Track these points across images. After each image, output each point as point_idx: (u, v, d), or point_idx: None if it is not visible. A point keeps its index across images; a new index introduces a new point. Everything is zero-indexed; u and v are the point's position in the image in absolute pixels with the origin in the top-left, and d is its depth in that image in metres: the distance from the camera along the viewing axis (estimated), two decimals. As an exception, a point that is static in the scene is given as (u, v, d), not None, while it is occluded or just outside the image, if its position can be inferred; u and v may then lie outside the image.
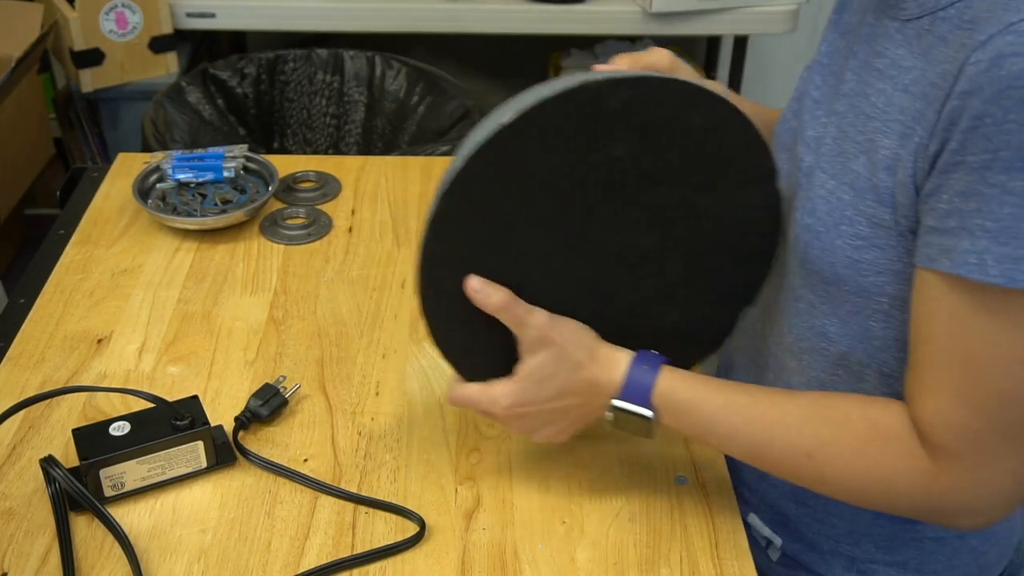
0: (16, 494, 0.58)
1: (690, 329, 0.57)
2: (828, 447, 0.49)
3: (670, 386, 0.52)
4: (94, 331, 0.70)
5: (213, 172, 0.82)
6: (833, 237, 0.50)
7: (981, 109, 0.42)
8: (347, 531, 0.56)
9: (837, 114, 0.52)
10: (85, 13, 1.26)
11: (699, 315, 0.57)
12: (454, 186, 0.51)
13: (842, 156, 0.50)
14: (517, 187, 0.51)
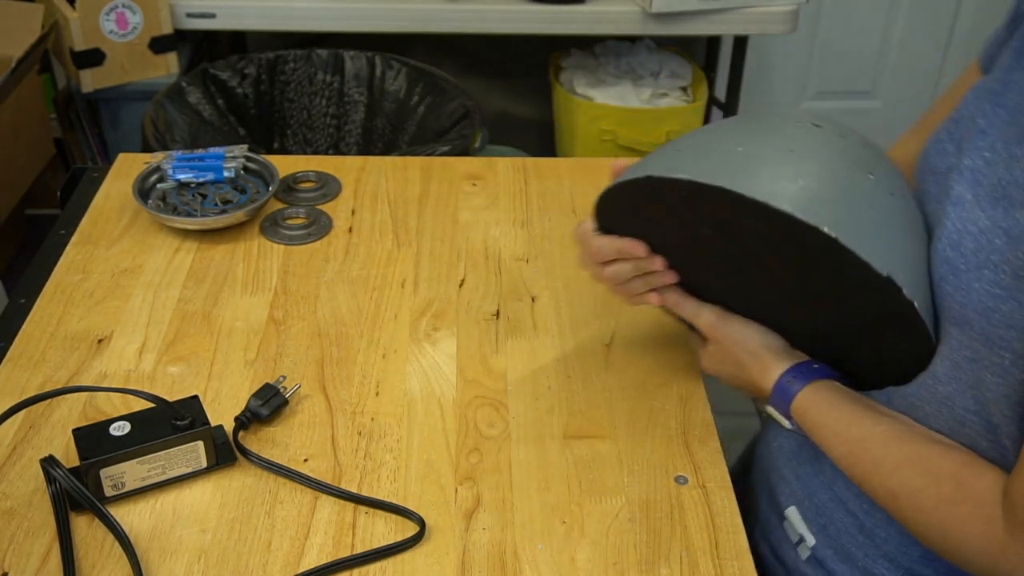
0: (16, 494, 0.58)
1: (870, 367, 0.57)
2: (913, 496, 0.50)
3: (803, 405, 0.55)
4: (94, 331, 0.70)
5: (213, 172, 0.82)
6: (972, 279, 0.47)
7: None
8: (347, 531, 0.56)
9: (1009, 155, 0.48)
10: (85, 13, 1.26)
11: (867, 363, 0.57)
12: (625, 184, 0.56)
13: (1005, 200, 0.48)
14: (671, 218, 0.56)
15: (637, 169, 0.56)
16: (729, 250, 0.55)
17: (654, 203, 0.56)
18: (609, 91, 1.44)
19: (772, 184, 0.51)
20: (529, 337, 0.70)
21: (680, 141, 0.57)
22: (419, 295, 0.74)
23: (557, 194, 0.86)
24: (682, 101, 1.46)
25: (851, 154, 0.54)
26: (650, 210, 0.57)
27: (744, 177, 0.51)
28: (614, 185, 0.58)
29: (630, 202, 0.58)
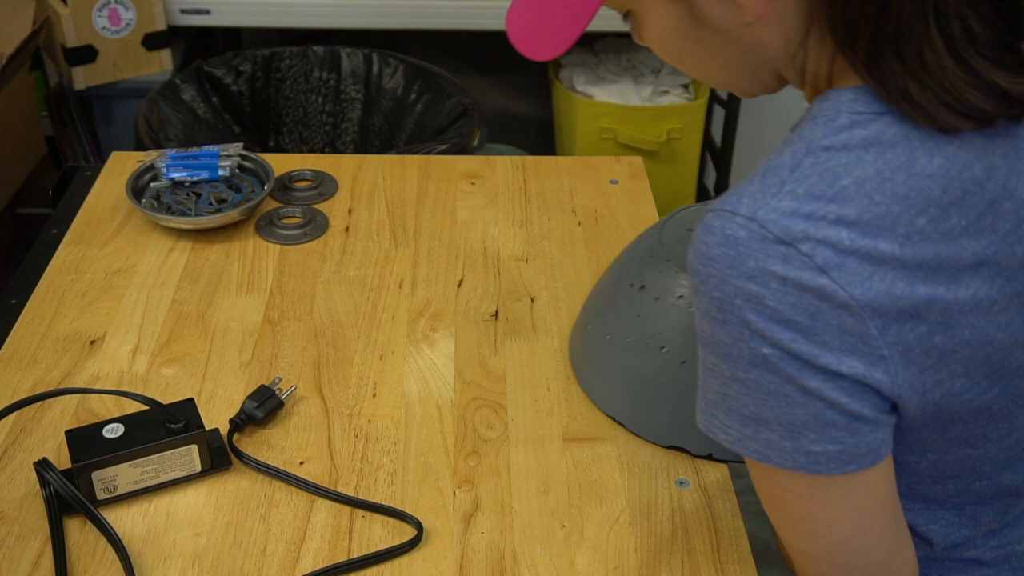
0: (8, 497, 0.57)
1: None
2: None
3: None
4: (87, 332, 0.69)
5: (208, 171, 0.81)
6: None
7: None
8: (344, 535, 0.56)
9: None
10: (78, 9, 1.25)
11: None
12: None
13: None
14: None
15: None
16: None
17: None
18: (609, 89, 1.43)
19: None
20: (528, 338, 0.69)
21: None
22: (417, 295, 0.73)
23: (557, 193, 0.85)
24: (683, 99, 1.45)
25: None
26: None
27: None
28: None
29: None
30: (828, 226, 0.41)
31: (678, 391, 0.59)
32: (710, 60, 0.49)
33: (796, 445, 0.43)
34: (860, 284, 0.41)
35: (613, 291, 0.63)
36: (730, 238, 0.42)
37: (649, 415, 0.60)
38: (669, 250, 0.61)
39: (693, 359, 0.56)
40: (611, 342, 0.61)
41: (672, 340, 0.59)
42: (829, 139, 0.43)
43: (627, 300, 0.61)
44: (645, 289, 0.60)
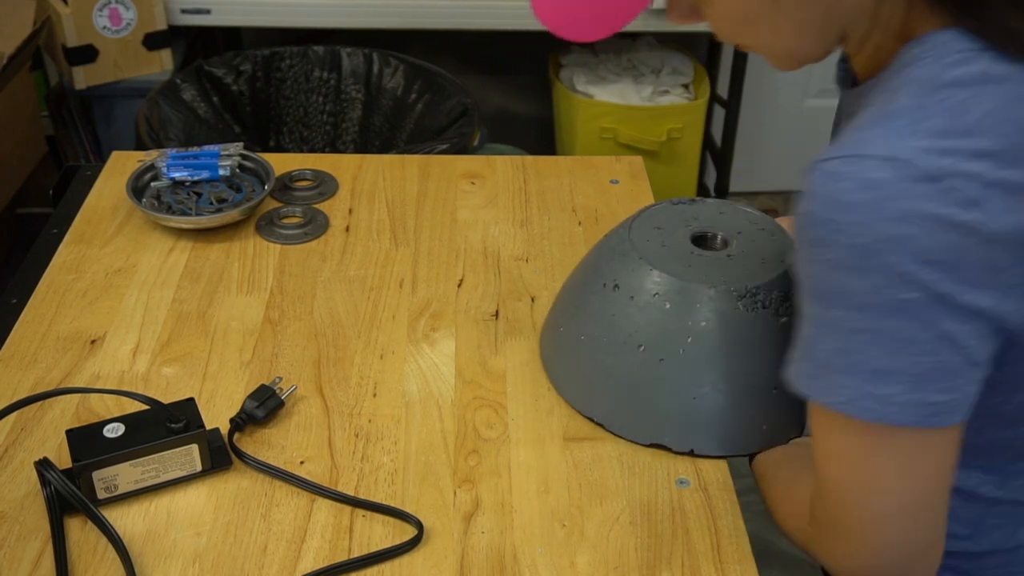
0: (8, 497, 0.57)
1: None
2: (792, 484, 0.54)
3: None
4: (87, 332, 0.69)
5: (208, 170, 0.81)
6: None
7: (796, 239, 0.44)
8: (344, 534, 0.56)
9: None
10: (78, 9, 1.25)
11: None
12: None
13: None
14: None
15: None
16: None
17: None
18: (610, 88, 1.43)
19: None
20: (529, 338, 0.69)
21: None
22: (417, 295, 0.73)
23: (557, 193, 0.85)
24: (684, 98, 1.45)
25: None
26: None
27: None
28: None
29: None
30: (968, 160, 0.41)
31: (657, 389, 0.59)
32: (786, 24, 0.48)
33: (920, 396, 0.43)
34: (1003, 215, 0.41)
35: (586, 291, 0.63)
36: (871, 181, 0.41)
37: (630, 415, 0.60)
38: (640, 248, 0.61)
39: (671, 356, 0.57)
40: (586, 343, 0.61)
41: (649, 338, 0.59)
42: (946, 75, 0.43)
43: (601, 300, 0.61)
44: (619, 288, 0.60)
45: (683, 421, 0.59)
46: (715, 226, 0.64)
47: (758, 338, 0.58)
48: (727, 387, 0.58)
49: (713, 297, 0.58)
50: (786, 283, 0.59)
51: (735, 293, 0.58)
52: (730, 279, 0.59)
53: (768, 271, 0.60)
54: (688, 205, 0.66)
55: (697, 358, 0.58)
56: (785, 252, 0.62)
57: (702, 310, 0.58)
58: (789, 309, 0.59)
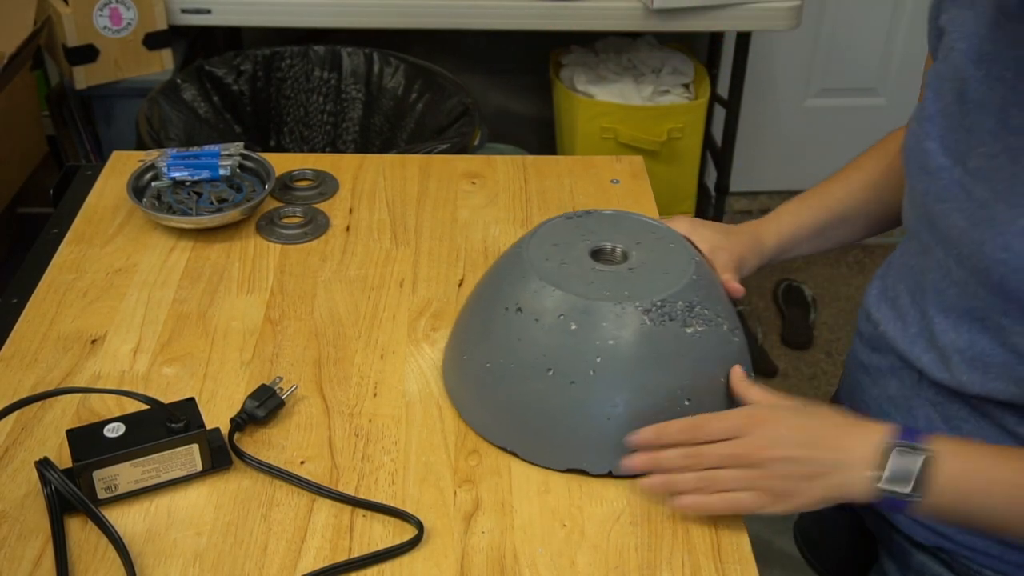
0: (9, 497, 0.57)
1: None
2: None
3: (939, 437, 0.52)
4: (88, 331, 0.69)
5: (209, 170, 0.81)
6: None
7: None
8: (344, 534, 0.56)
9: (1010, 148, 0.51)
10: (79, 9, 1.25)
11: None
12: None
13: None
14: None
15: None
16: None
17: None
18: (610, 88, 1.43)
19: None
20: (529, 337, 0.69)
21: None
22: (417, 295, 0.73)
23: (557, 193, 0.85)
24: (684, 98, 1.45)
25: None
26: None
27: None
28: None
29: None
30: None
31: (570, 413, 0.57)
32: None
33: None
34: None
35: (488, 316, 0.61)
36: None
37: (544, 441, 0.58)
38: (539, 268, 0.59)
39: (581, 378, 0.57)
40: (493, 370, 0.59)
41: (557, 361, 0.57)
42: None
43: (505, 325, 0.59)
44: (522, 312, 0.58)
45: (599, 443, 0.57)
46: (613, 238, 0.63)
47: (668, 351, 0.57)
48: (641, 404, 0.57)
49: (619, 314, 0.57)
50: (691, 293, 0.58)
51: (640, 308, 0.57)
52: (634, 294, 0.58)
53: (671, 283, 0.59)
54: (583, 218, 0.64)
55: (608, 378, 0.56)
56: (686, 261, 0.61)
57: (609, 328, 0.57)
58: (696, 319, 0.58)
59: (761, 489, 0.53)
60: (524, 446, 0.59)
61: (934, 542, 0.61)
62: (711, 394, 0.58)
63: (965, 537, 0.59)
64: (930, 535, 0.61)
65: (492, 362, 0.59)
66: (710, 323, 0.58)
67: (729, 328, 0.60)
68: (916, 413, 0.60)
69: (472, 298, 0.64)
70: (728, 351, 0.60)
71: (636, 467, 0.56)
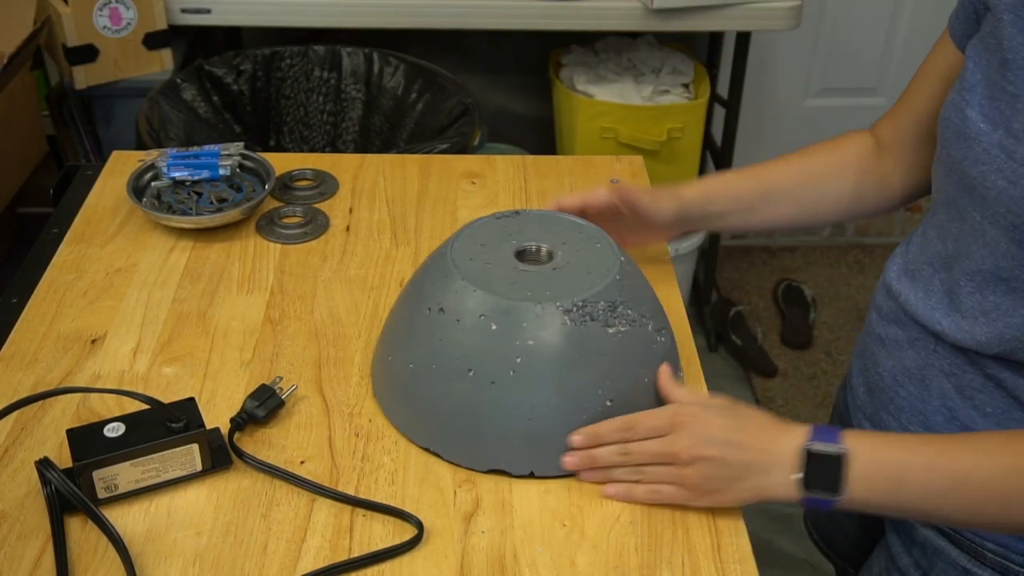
0: (8, 496, 0.57)
1: None
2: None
3: (856, 432, 0.54)
4: (88, 331, 0.69)
5: (209, 170, 0.81)
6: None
7: None
8: (344, 534, 0.56)
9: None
10: (78, 9, 1.25)
11: None
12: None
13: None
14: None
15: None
16: None
17: None
18: (610, 88, 1.43)
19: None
20: (529, 337, 0.69)
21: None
22: (417, 294, 0.73)
23: (557, 193, 0.85)
24: (684, 98, 1.45)
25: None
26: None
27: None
28: None
29: None
30: None
31: (491, 413, 0.57)
32: None
33: None
34: None
35: (412, 317, 0.61)
36: None
37: (466, 442, 0.58)
38: (463, 268, 0.59)
39: (501, 379, 0.57)
40: (415, 371, 0.59)
41: (478, 362, 0.57)
42: None
43: (427, 325, 0.59)
44: (444, 312, 0.58)
45: (520, 444, 0.57)
46: (540, 238, 0.62)
47: (589, 351, 0.57)
48: (561, 404, 0.57)
49: (540, 314, 0.57)
50: (614, 293, 0.58)
51: (561, 308, 0.57)
52: (556, 294, 0.58)
53: (594, 282, 0.59)
54: (512, 218, 0.64)
55: (528, 378, 0.56)
56: (611, 261, 0.61)
57: (529, 328, 0.56)
58: (618, 319, 0.58)
59: (685, 485, 0.56)
60: (446, 447, 0.59)
61: (951, 528, 0.61)
62: (634, 394, 0.58)
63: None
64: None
65: (415, 363, 0.59)
66: (633, 323, 0.58)
67: (654, 328, 0.60)
68: (930, 384, 0.60)
69: (399, 299, 0.64)
70: (653, 351, 0.60)
71: (573, 466, 0.57)
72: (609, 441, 0.57)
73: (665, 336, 0.61)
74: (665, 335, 0.61)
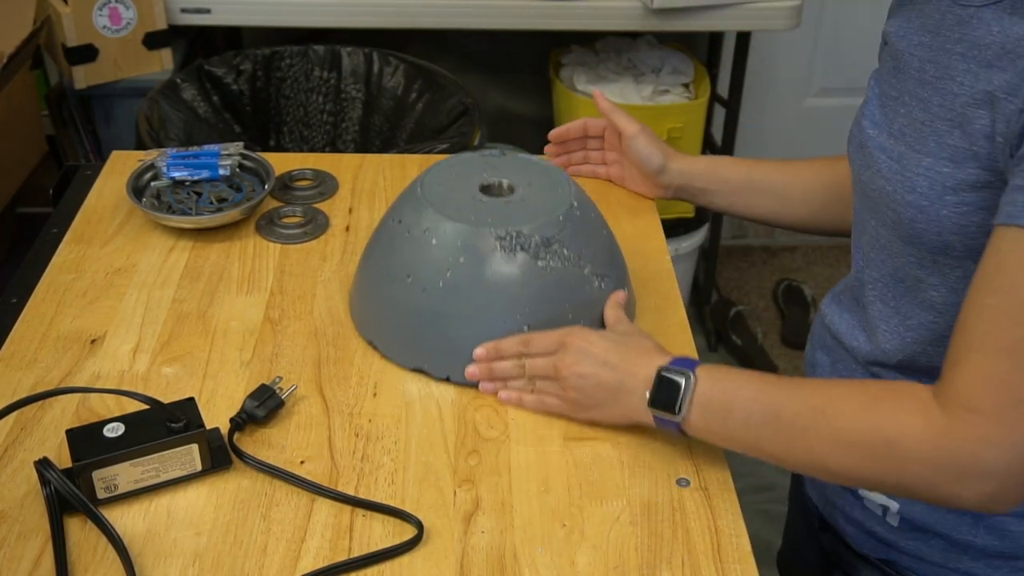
0: (8, 496, 0.57)
1: None
2: (839, 400, 0.53)
3: (710, 366, 0.58)
4: (88, 331, 0.69)
5: (208, 170, 0.81)
6: (939, 208, 0.53)
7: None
8: (344, 534, 0.56)
9: (918, 102, 0.55)
10: (78, 8, 1.25)
11: None
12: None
13: (934, 135, 0.54)
14: None
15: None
16: None
17: None
18: (610, 88, 1.43)
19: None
20: (529, 337, 0.69)
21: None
22: (417, 294, 0.73)
23: (557, 192, 0.85)
24: (684, 98, 1.45)
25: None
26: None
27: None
28: None
29: None
30: None
31: (419, 317, 0.64)
32: None
33: None
34: None
35: (381, 230, 0.69)
36: None
37: (397, 340, 0.66)
38: (427, 190, 0.66)
39: (431, 287, 0.64)
40: (370, 274, 0.68)
41: (415, 269, 0.64)
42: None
43: (389, 236, 0.67)
44: (402, 223, 0.66)
45: (441, 349, 0.64)
46: (508, 176, 0.68)
47: (512, 279, 0.62)
48: (481, 320, 0.63)
49: (472, 235, 0.63)
50: (552, 231, 0.64)
51: (494, 235, 0.63)
52: (496, 222, 0.63)
53: (536, 219, 0.64)
54: (496, 157, 0.70)
55: (455, 291, 0.63)
56: (563, 204, 0.66)
57: (463, 247, 0.63)
58: (551, 255, 0.63)
59: (566, 399, 0.61)
60: (383, 342, 0.66)
61: (882, 554, 0.63)
62: (555, 326, 0.63)
63: (910, 544, 0.61)
64: (878, 547, 0.63)
65: (371, 267, 0.68)
66: (567, 262, 0.64)
67: (592, 272, 0.65)
68: None
69: (386, 213, 0.72)
70: (585, 292, 0.65)
71: (474, 377, 0.63)
72: (508, 355, 0.63)
73: (606, 283, 0.66)
74: (606, 282, 0.66)
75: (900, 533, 0.62)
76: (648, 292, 0.73)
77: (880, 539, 0.63)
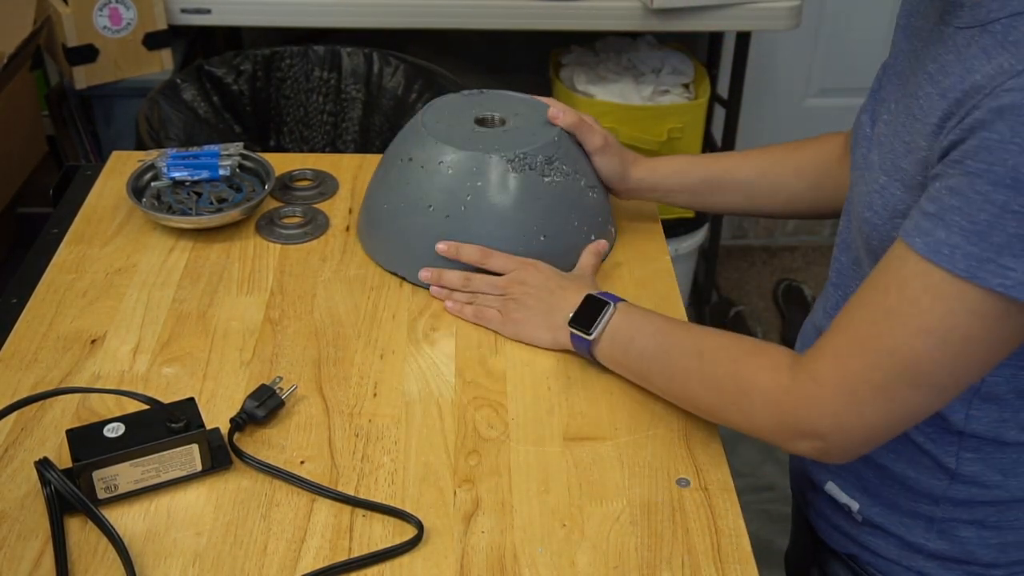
0: (8, 497, 0.57)
1: None
2: (717, 350, 0.58)
3: (631, 303, 0.64)
4: (88, 331, 0.69)
5: (208, 170, 0.81)
6: (889, 229, 0.54)
7: (999, 129, 0.46)
8: (344, 534, 0.56)
9: (893, 113, 0.56)
10: (78, 9, 1.25)
11: None
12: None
13: (892, 154, 0.54)
14: None
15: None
16: None
17: None
18: (610, 88, 1.43)
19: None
20: (529, 337, 0.69)
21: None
22: (417, 295, 0.73)
23: (557, 192, 0.85)
24: (684, 98, 1.45)
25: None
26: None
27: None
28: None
29: None
30: None
31: (444, 241, 0.71)
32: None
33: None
34: None
35: (387, 168, 0.75)
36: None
37: (423, 265, 0.71)
38: (431, 128, 0.73)
39: (455, 213, 0.70)
40: (388, 210, 0.73)
41: (436, 200, 0.71)
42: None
43: (399, 173, 0.73)
44: (412, 161, 0.72)
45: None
46: (497, 110, 0.75)
47: (526, 194, 0.70)
48: (504, 235, 0.70)
49: (487, 161, 0.70)
50: (551, 150, 0.71)
51: (505, 157, 0.70)
52: (503, 147, 0.71)
53: (535, 141, 0.71)
54: (477, 95, 0.77)
55: (476, 213, 0.70)
56: (552, 127, 0.73)
57: (479, 173, 0.70)
58: (553, 171, 0.71)
59: (502, 313, 0.68)
60: (409, 271, 0.72)
61: (847, 549, 0.65)
62: (564, 234, 0.72)
63: (870, 540, 0.63)
64: (844, 542, 0.65)
65: (388, 203, 0.73)
66: (567, 176, 0.72)
67: (586, 185, 0.73)
68: None
69: (382, 157, 0.77)
70: (583, 202, 0.73)
71: (425, 278, 0.70)
72: (467, 261, 0.69)
73: (597, 194, 0.74)
74: (597, 193, 0.74)
75: (861, 528, 0.63)
76: (648, 292, 0.73)
77: (844, 533, 0.65)
